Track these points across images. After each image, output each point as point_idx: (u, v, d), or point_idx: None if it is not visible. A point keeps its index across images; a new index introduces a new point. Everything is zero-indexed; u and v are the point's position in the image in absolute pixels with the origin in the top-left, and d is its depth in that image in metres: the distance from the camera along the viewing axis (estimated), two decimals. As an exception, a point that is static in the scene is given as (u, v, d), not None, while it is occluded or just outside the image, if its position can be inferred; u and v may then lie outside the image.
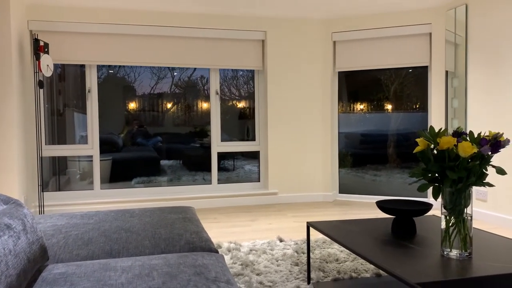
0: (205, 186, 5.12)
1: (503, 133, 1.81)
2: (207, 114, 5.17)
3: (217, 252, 1.96)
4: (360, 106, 5.40)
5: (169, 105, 5.23)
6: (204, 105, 5.19)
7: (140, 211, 2.55)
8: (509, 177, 3.82)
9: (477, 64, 4.17)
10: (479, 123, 4.15)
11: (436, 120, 4.75)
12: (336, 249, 3.09)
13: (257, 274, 2.60)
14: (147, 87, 5.10)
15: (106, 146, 4.93)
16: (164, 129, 5.21)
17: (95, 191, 4.82)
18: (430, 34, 4.78)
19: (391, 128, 5.25)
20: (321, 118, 5.22)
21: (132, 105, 5.14)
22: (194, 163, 5.19)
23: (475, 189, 4.22)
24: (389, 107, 5.26)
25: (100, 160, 4.86)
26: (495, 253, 1.89)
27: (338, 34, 5.11)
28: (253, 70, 5.19)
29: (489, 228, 3.81)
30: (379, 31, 4.93)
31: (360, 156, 5.39)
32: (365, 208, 4.75)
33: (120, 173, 5.03)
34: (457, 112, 4.44)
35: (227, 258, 2.91)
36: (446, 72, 4.59)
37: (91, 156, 4.82)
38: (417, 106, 5.10)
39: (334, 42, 5.19)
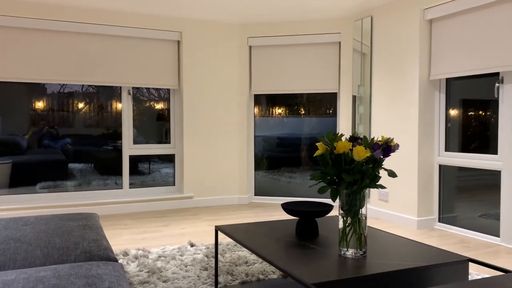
0: (116, 191, 4.91)
1: (393, 138, 1.94)
2: (121, 115, 4.96)
3: (116, 261, 1.88)
4: (278, 110, 5.52)
5: (80, 105, 4.95)
6: (119, 106, 4.99)
7: (36, 218, 2.37)
8: (407, 179, 4.12)
9: (381, 73, 4.45)
10: (382, 128, 4.43)
11: (344, 125, 5.00)
12: (246, 252, 3.11)
13: (164, 281, 2.54)
14: (57, 86, 4.78)
15: (6, 148, 4.54)
16: (74, 130, 4.92)
17: (-9, 197, 4.42)
18: (340, 43, 5.02)
19: (304, 132, 5.43)
20: (237, 122, 5.26)
21: (40, 104, 4.79)
22: (106, 166, 4.96)
23: (378, 190, 4.50)
24: (304, 111, 5.43)
25: (-2, 164, 4.46)
26: (388, 251, 2.01)
27: (254, 39, 5.18)
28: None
29: (389, 226, 4.07)
30: (293, 38, 5.08)
31: (277, 159, 5.51)
32: (279, 209, 4.85)
33: (23, 177, 4.66)
34: (362, 118, 4.70)
35: (133, 265, 2.81)
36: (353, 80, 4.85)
37: (-13, 160, 4.41)
38: (330, 111, 5.32)
39: (250, 47, 5.26)
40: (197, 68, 5.05)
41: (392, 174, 1.95)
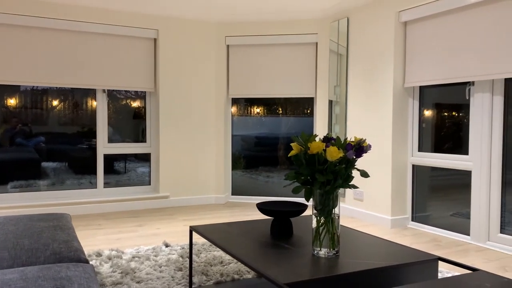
0: (90, 190, 4.83)
1: (365, 139, 1.96)
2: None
3: (87, 262, 1.85)
4: (256, 110, 5.52)
5: (55, 103, 4.84)
6: (94, 104, 4.90)
7: (5, 219, 2.31)
8: (381, 179, 4.18)
9: (356, 74, 4.50)
10: (357, 128, 4.49)
11: (320, 125, 5.04)
12: (221, 252, 3.10)
13: (138, 282, 2.51)
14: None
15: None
16: (48, 128, 4.81)
17: (-41, 197, 4.29)
18: (317, 43, 5.05)
19: (282, 132, 5.45)
20: (214, 121, 5.24)
21: (12, 102, 4.67)
22: (81, 165, 4.87)
23: (353, 190, 4.55)
24: (282, 111, 5.45)
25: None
26: (360, 250, 2.04)
27: (232, 38, 5.17)
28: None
29: (364, 225, 4.12)
30: (270, 38, 5.09)
31: (254, 158, 5.51)
32: (256, 209, 4.86)
33: (-7, 177, 4.54)
34: (338, 118, 4.75)
35: (106, 266, 2.77)
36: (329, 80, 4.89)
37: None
38: (308, 111, 5.35)
39: (228, 46, 5.25)
40: (174, 68, 5.00)
41: (364, 174, 1.97)
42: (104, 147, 4.86)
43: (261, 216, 4.49)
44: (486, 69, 3.38)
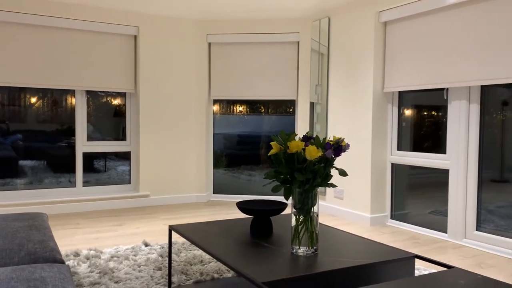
0: (69, 189, 4.75)
1: (344, 138, 1.98)
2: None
3: (63, 262, 1.82)
4: (239, 108, 5.51)
5: (33, 100, 4.74)
6: (74, 101, 4.82)
7: (-22, 219, 2.25)
8: (361, 177, 4.22)
9: (337, 73, 4.53)
10: (338, 128, 4.52)
11: (302, 124, 5.06)
12: (202, 251, 3.09)
13: (116, 282, 2.48)
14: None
15: None
16: (26, 125, 4.71)
17: None
18: (298, 42, 5.07)
19: (264, 130, 5.45)
20: (196, 120, 5.21)
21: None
22: (60, 164, 4.79)
23: (334, 188, 4.58)
24: (265, 110, 5.45)
25: None
26: (339, 248, 2.06)
27: (213, 36, 5.15)
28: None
29: (344, 223, 4.16)
30: (252, 36, 5.09)
31: (237, 156, 5.51)
32: (237, 208, 4.85)
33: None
34: (319, 117, 4.78)
35: (84, 266, 2.73)
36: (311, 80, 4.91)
37: None
38: (290, 110, 5.37)
39: (209, 44, 5.22)
40: (155, 66, 4.95)
41: (343, 173, 1.99)
42: (83, 145, 4.79)
43: (242, 215, 4.49)
44: (462, 76, 3.44)
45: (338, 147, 1.91)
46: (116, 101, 5.06)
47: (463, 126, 3.55)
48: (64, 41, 4.56)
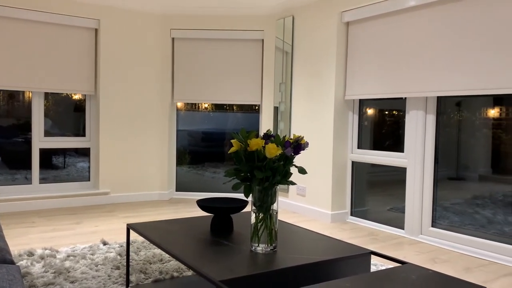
0: (25, 186, 4.58)
1: (303, 137, 2.00)
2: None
3: (13, 263, 1.75)
4: (204, 105, 5.47)
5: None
6: (31, 95, 4.64)
7: None
8: (322, 175, 4.28)
9: (301, 72, 4.57)
10: (301, 126, 4.56)
11: (266, 121, 5.08)
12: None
13: (72, 282, 2.41)
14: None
15: None
16: (-21, 120, 4.51)
17: None
18: (263, 40, 5.08)
19: (229, 127, 5.44)
20: (159, 115, 5.13)
21: None
22: (16, 160, 4.60)
23: (297, 185, 4.63)
24: (230, 107, 5.44)
25: None
26: (297, 245, 2.07)
27: (177, 31, 5.08)
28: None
29: (305, 220, 4.21)
30: (217, 32, 5.05)
31: (201, 153, 5.46)
32: (200, 205, 4.81)
33: None
34: (283, 115, 4.81)
35: (38, 266, 2.64)
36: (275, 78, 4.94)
37: None
38: (256, 107, 5.38)
39: (173, 39, 5.15)
40: (116, 62, 4.84)
41: (302, 171, 2.00)
42: (40, 141, 4.62)
43: (203, 212, 4.46)
44: (420, 87, 3.55)
45: (298, 145, 1.92)
46: (77, 96, 4.91)
47: (420, 126, 3.66)
48: (17, 34, 4.38)
